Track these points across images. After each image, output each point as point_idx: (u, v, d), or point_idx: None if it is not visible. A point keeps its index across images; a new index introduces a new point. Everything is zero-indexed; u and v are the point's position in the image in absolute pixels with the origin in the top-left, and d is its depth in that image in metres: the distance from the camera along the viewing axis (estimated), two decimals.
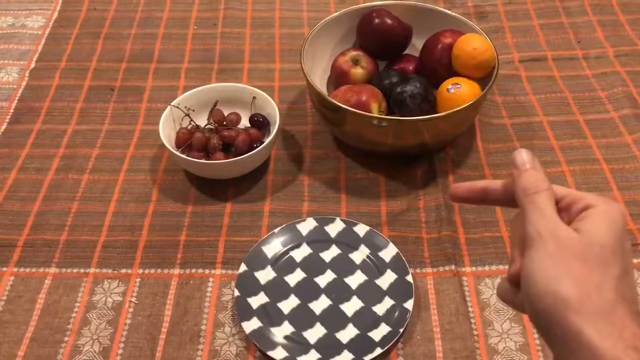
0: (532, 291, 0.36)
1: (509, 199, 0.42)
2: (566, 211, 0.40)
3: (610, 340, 0.33)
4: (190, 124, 0.86)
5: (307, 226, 0.78)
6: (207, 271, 0.75)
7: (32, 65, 1.04)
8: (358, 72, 0.89)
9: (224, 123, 0.87)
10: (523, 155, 0.41)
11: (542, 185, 0.39)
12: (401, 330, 0.68)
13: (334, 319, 0.70)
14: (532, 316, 0.37)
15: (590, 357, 0.33)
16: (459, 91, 0.81)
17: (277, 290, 0.72)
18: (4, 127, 0.93)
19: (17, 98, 0.98)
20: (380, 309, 0.71)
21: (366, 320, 0.70)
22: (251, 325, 0.69)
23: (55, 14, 1.15)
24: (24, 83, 1.01)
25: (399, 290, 0.72)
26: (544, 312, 0.35)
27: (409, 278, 0.72)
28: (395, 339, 0.67)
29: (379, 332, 0.68)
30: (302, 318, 0.70)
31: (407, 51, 0.93)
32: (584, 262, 0.35)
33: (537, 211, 0.38)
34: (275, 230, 0.78)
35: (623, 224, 0.38)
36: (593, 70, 1.01)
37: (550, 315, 0.35)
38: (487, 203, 0.44)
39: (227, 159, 0.82)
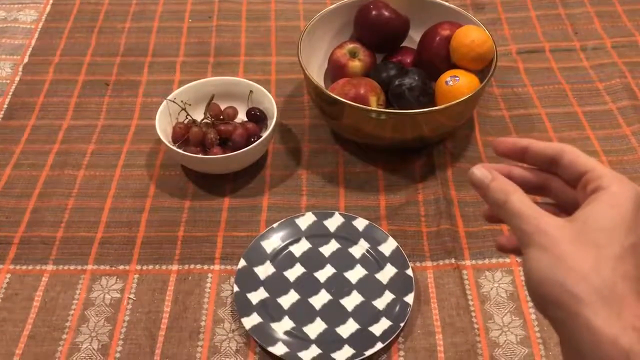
0: (531, 283, 0.37)
1: (546, 161, 0.42)
2: (584, 189, 0.39)
3: (609, 320, 0.33)
4: (187, 118, 0.85)
5: (306, 221, 0.78)
6: (205, 267, 0.75)
7: (26, 59, 1.03)
8: (356, 64, 0.88)
9: (221, 117, 0.87)
10: (478, 173, 0.41)
11: (508, 190, 0.39)
12: (402, 324, 0.68)
13: (334, 314, 0.69)
14: (536, 304, 0.38)
15: (589, 337, 0.34)
16: (457, 83, 0.81)
17: (277, 285, 0.72)
18: None
19: (10, 93, 0.97)
20: (380, 303, 0.70)
21: (367, 314, 0.69)
22: (251, 321, 0.68)
23: (48, 8, 1.13)
24: (17, 78, 1.00)
25: (399, 284, 0.71)
26: (543, 298, 0.36)
27: (409, 272, 0.72)
28: (396, 333, 0.67)
29: (379, 327, 0.68)
30: (302, 313, 0.70)
31: (404, 43, 0.93)
32: (577, 246, 0.36)
33: (515, 216, 0.38)
34: (274, 225, 0.77)
35: (632, 207, 0.37)
36: (591, 62, 1.01)
37: (550, 300, 0.36)
38: (526, 162, 0.43)
39: (225, 153, 0.81)
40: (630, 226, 0.36)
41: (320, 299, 0.71)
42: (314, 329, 0.68)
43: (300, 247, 0.76)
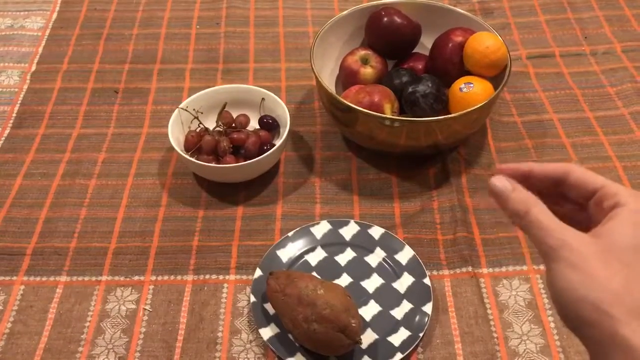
0: (562, 300, 0.37)
1: (551, 183, 0.42)
2: (599, 205, 0.39)
3: None
4: (199, 126, 0.85)
5: (321, 229, 0.78)
6: (221, 277, 0.74)
7: (34, 67, 1.02)
8: (368, 71, 0.88)
9: (233, 125, 0.86)
10: (499, 184, 0.41)
11: (529, 201, 0.39)
12: (421, 334, 0.67)
13: None
14: (566, 322, 0.37)
15: (626, 356, 0.34)
16: (471, 90, 0.80)
17: None
18: (7, 132, 0.92)
19: (19, 102, 0.96)
20: (398, 312, 0.70)
21: (385, 324, 0.69)
22: (269, 331, 0.68)
23: (55, 15, 1.13)
24: (25, 86, 0.99)
25: (417, 294, 0.71)
26: (576, 318, 0.36)
27: (427, 281, 0.72)
28: (416, 343, 0.67)
29: (398, 337, 0.68)
30: None
31: (415, 49, 0.92)
32: (605, 265, 0.36)
33: (537, 228, 0.38)
34: (290, 234, 0.77)
35: None
36: (601, 66, 1.01)
37: (583, 319, 0.35)
38: (531, 186, 0.42)
39: (237, 161, 0.81)
40: None
41: None
42: None
43: (316, 256, 0.75)
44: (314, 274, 0.73)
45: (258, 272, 0.73)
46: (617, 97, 0.95)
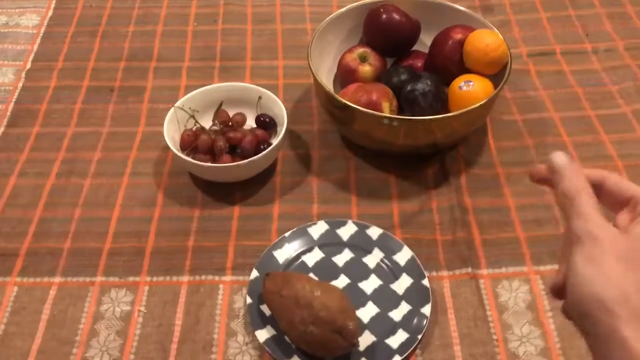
0: (573, 290, 0.37)
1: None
2: (632, 212, 0.40)
3: None
4: (195, 125, 0.84)
5: (318, 229, 0.77)
6: (217, 278, 0.73)
7: (28, 65, 1.01)
8: (366, 69, 0.87)
9: (230, 124, 0.85)
10: (560, 159, 0.41)
11: (583, 187, 0.39)
12: (419, 336, 0.66)
13: None
14: (571, 311, 0.38)
15: (623, 356, 0.34)
16: (471, 89, 0.79)
17: None
18: (1, 130, 0.91)
19: (14, 100, 0.95)
20: (396, 314, 0.69)
21: (383, 326, 0.68)
22: (265, 333, 0.67)
23: (50, 12, 1.12)
24: (20, 84, 0.98)
25: (416, 295, 0.70)
26: (583, 312, 0.36)
27: (426, 282, 0.71)
28: (414, 345, 0.66)
29: (396, 339, 0.67)
30: None
31: (415, 47, 0.91)
32: (624, 263, 0.36)
33: (576, 214, 0.38)
34: (286, 234, 0.76)
35: None
36: (603, 64, 0.99)
37: (588, 313, 0.36)
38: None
39: (234, 161, 0.80)
40: None
41: None
42: None
43: (313, 257, 0.74)
44: (311, 275, 0.72)
45: (254, 273, 0.72)
46: (618, 95, 0.94)
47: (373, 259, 0.74)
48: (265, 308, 0.69)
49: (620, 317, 0.34)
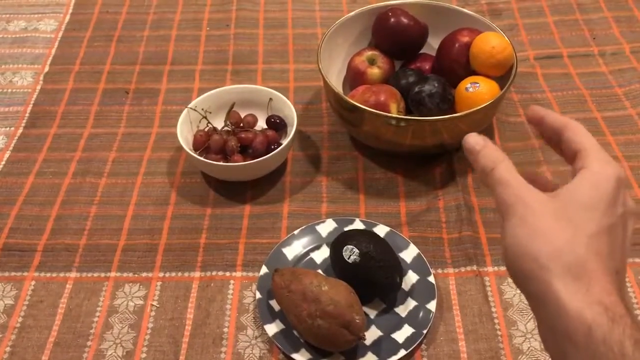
0: (509, 254, 0.37)
1: (554, 134, 0.42)
2: (575, 166, 0.40)
3: (577, 294, 0.34)
4: (208, 126, 0.86)
5: (326, 227, 0.78)
6: (227, 273, 0.75)
7: (46, 69, 1.04)
8: (375, 72, 0.88)
9: (241, 125, 0.87)
10: (471, 140, 0.41)
11: (498, 158, 0.40)
12: (425, 331, 0.68)
13: None
14: (512, 278, 0.38)
15: (556, 310, 0.35)
16: (477, 90, 0.81)
17: None
18: (20, 131, 0.93)
19: (32, 102, 0.98)
20: (403, 310, 0.70)
21: (389, 321, 0.69)
22: (274, 327, 0.68)
23: (68, 17, 1.15)
24: (38, 87, 1.01)
25: (422, 292, 0.71)
26: (519, 271, 0.37)
27: (431, 279, 0.72)
28: (419, 340, 0.67)
29: (402, 334, 0.68)
30: None
31: (422, 50, 0.93)
32: (556, 221, 0.36)
33: (500, 184, 0.39)
34: (295, 232, 0.77)
35: (611, 188, 0.37)
36: (610, 67, 1.00)
37: (524, 272, 0.36)
38: (543, 133, 0.44)
39: (245, 160, 0.82)
40: (609, 206, 0.37)
41: None
42: None
43: (322, 254, 0.76)
44: (319, 271, 0.74)
45: (264, 269, 0.74)
46: (625, 98, 0.95)
47: None
48: (274, 303, 0.70)
49: (554, 272, 0.35)
